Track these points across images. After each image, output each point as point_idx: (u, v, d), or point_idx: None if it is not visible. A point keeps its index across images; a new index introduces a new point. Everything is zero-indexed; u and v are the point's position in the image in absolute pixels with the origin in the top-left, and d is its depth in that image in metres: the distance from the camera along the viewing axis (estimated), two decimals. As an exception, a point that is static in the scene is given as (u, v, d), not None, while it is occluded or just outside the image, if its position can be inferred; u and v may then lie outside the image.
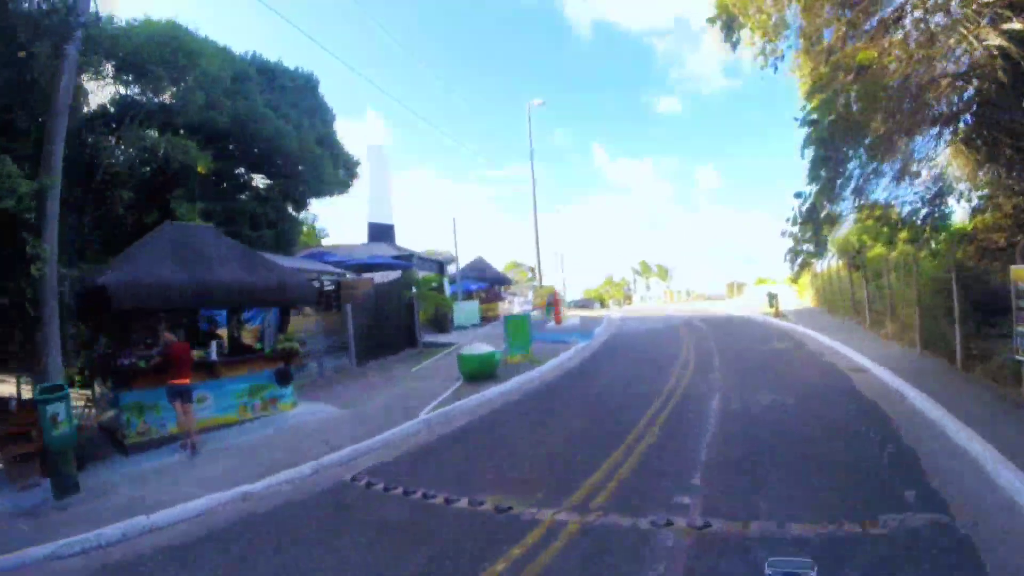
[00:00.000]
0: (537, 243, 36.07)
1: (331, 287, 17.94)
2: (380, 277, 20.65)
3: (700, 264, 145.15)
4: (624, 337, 21.59)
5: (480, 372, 12.39)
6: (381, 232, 62.17)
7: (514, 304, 36.38)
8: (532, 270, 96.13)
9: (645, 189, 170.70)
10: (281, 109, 18.48)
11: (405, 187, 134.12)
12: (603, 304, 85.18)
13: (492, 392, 11.21)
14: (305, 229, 30.08)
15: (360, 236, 41.25)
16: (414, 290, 20.05)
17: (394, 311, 18.00)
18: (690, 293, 58.78)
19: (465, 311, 27.19)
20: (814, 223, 10.79)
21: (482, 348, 12.73)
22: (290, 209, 21.15)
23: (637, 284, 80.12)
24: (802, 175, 10.69)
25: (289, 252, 19.76)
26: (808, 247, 11.24)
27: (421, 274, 29.66)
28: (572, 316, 31.30)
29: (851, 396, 9.50)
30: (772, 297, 26.68)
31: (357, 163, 23.52)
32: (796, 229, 11.11)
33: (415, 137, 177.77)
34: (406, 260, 26.26)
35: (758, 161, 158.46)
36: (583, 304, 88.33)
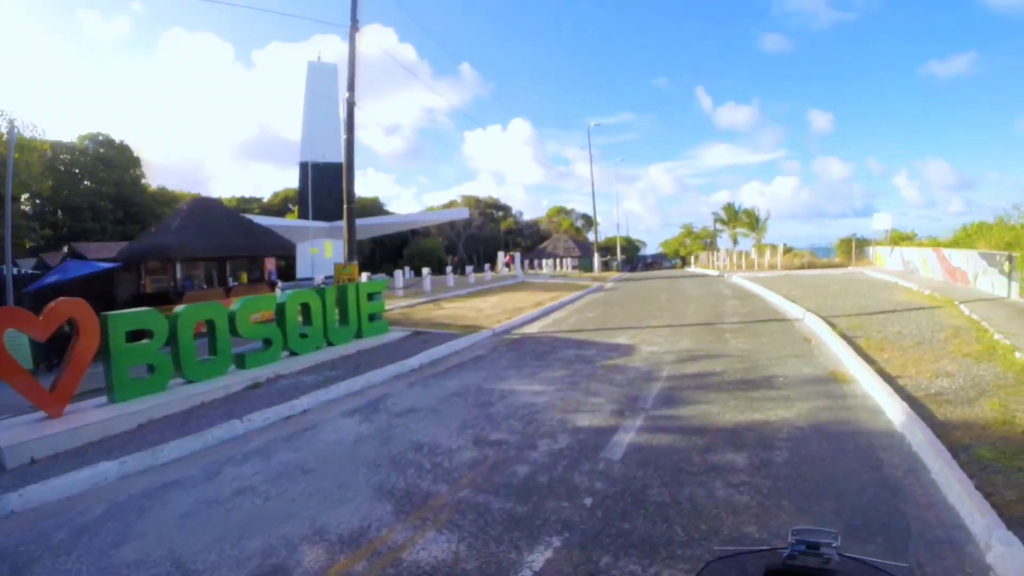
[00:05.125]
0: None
1: None
2: None
3: (806, 214, 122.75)
4: None
5: None
6: (324, 175, 43.89)
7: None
8: (585, 217, 74.33)
9: (752, 135, 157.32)
10: None
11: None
12: (684, 262, 62.94)
13: None
14: None
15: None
16: None
17: None
18: (789, 251, 35.37)
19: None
20: None
21: None
22: None
23: (721, 236, 57.18)
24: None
25: None
26: None
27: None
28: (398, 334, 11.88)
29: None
30: None
31: None
32: None
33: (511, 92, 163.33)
34: None
35: (874, 106, 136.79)
36: (653, 261, 66.72)
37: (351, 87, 18.06)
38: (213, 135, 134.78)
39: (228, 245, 16.87)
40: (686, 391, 7.54)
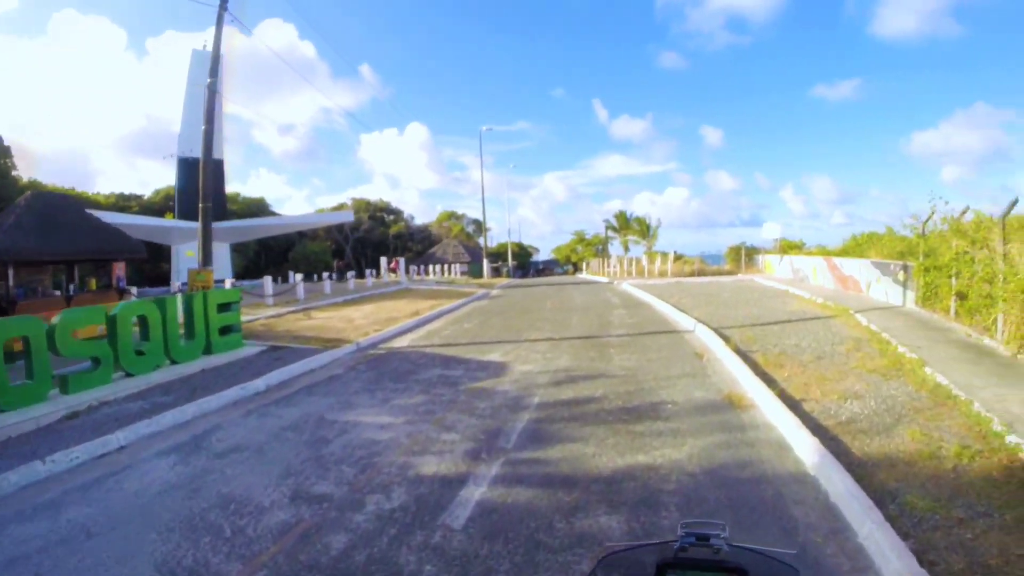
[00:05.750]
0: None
1: None
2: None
3: (696, 223, 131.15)
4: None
5: None
6: (194, 172, 40.03)
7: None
8: (477, 223, 73.23)
9: (645, 147, 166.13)
10: None
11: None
12: (576, 268, 63.03)
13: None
14: None
15: None
16: None
17: None
18: (679, 258, 35.65)
19: None
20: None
21: None
22: None
23: (612, 243, 57.78)
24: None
25: None
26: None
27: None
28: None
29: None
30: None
31: None
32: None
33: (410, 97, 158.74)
34: None
35: (763, 124, 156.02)
36: (544, 268, 66.43)
37: (214, 72, 16.58)
38: (100, 127, 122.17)
39: (69, 248, 14.12)
40: (558, 424, 6.15)
